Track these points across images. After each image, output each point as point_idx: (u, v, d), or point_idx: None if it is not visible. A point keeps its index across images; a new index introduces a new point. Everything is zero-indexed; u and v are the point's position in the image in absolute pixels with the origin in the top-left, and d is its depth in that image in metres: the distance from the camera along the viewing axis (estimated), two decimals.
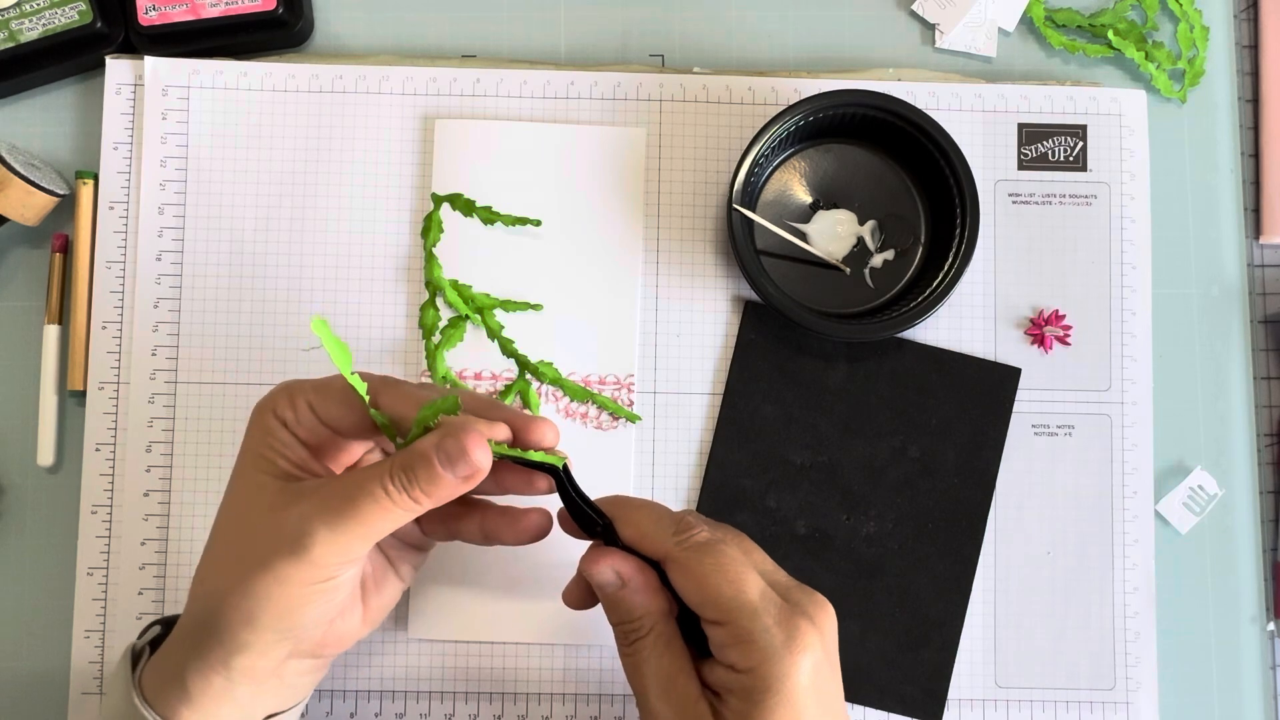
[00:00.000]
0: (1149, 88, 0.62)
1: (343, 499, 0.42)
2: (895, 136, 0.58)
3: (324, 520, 0.42)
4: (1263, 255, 0.63)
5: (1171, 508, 0.60)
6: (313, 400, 0.45)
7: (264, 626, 0.43)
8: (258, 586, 0.42)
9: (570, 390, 0.58)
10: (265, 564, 0.42)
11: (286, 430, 0.45)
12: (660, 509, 0.47)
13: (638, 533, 0.46)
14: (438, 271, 0.58)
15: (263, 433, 0.45)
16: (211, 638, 0.43)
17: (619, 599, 0.46)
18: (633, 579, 0.46)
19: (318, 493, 0.43)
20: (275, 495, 0.44)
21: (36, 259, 0.60)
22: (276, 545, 0.42)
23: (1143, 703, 0.58)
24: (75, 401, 0.59)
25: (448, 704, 0.57)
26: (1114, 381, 0.60)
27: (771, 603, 0.44)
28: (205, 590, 0.45)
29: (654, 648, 0.45)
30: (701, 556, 0.44)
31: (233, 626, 0.43)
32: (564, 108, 0.60)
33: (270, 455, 0.45)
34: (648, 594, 0.46)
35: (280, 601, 0.43)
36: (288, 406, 0.45)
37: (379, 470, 0.43)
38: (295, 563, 0.42)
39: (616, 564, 0.46)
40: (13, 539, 0.59)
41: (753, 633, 0.43)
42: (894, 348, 0.59)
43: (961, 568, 0.58)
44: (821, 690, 0.44)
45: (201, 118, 0.60)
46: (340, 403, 0.45)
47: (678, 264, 0.60)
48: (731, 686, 0.44)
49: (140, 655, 0.47)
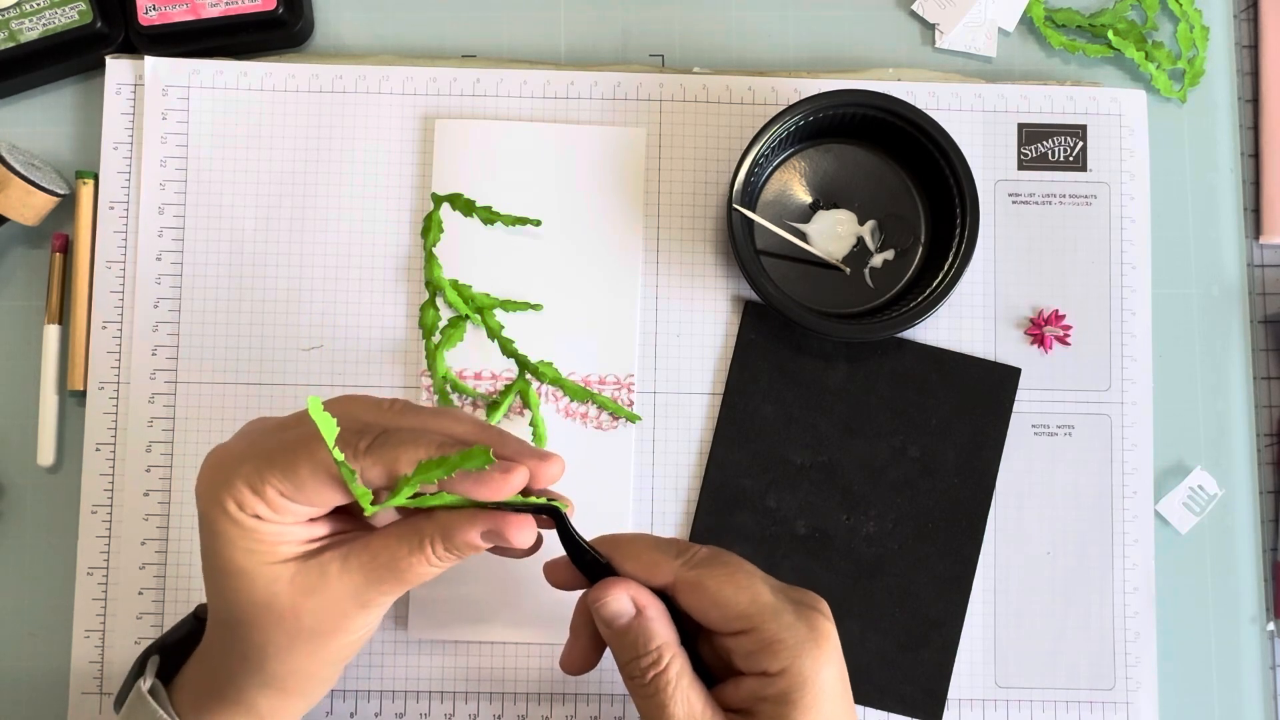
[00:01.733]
0: (1149, 88, 0.62)
1: (389, 571, 0.43)
2: (895, 136, 0.58)
3: (378, 590, 0.43)
4: (1263, 255, 0.63)
5: (1171, 508, 0.60)
6: (288, 493, 0.41)
7: (344, 659, 0.46)
8: (339, 644, 0.44)
9: (570, 390, 0.58)
10: (339, 630, 0.44)
11: (270, 523, 0.42)
12: (653, 537, 0.47)
13: (639, 563, 0.45)
14: (438, 271, 0.58)
15: (240, 532, 0.41)
16: (281, 688, 0.45)
17: (635, 629, 0.44)
18: (649, 605, 0.44)
19: (355, 568, 0.43)
20: (298, 581, 0.43)
21: (36, 259, 0.60)
22: (344, 615, 0.43)
23: (1143, 703, 0.58)
24: (75, 401, 0.59)
25: (448, 704, 0.57)
26: (1114, 381, 0.60)
27: (786, 602, 0.44)
28: (249, 658, 0.44)
29: (679, 683, 0.43)
30: (711, 570, 0.44)
31: (311, 672, 0.45)
32: (564, 108, 0.60)
33: (265, 549, 0.42)
34: (664, 622, 0.44)
35: (354, 645, 0.45)
36: (257, 502, 0.41)
37: (419, 544, 0.43)
38: (364, 617, 0.44)
39: (629, 591, 0.44)
40: (13, 539, 0.59)
41: (779, 632, 0.43)
42: (894, 348, 0.59)
43: (961, 568, 0.58)
44: (842, 683, 0.44)
45: (201, 118, 0.60)
46: (328, 488, 0.41)
47: (678, 264, 0.60)
48: (765, 694, 0.43)
49: (155, 691, 0.46)
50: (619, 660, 0.45)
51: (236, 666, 0.45)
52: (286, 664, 0.44)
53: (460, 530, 0.42)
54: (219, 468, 0.42)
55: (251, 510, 0.41)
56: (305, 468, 0.41)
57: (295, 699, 0.45)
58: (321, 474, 0.41)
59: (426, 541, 0.42)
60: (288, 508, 0.42)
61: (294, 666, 0.44)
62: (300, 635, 0.43)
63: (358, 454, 0.41)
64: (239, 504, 0.41)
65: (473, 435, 0.43)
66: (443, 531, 0.42)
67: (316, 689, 0.46)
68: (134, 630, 0.57)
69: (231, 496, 0.41)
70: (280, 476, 0.41)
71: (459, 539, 0.42)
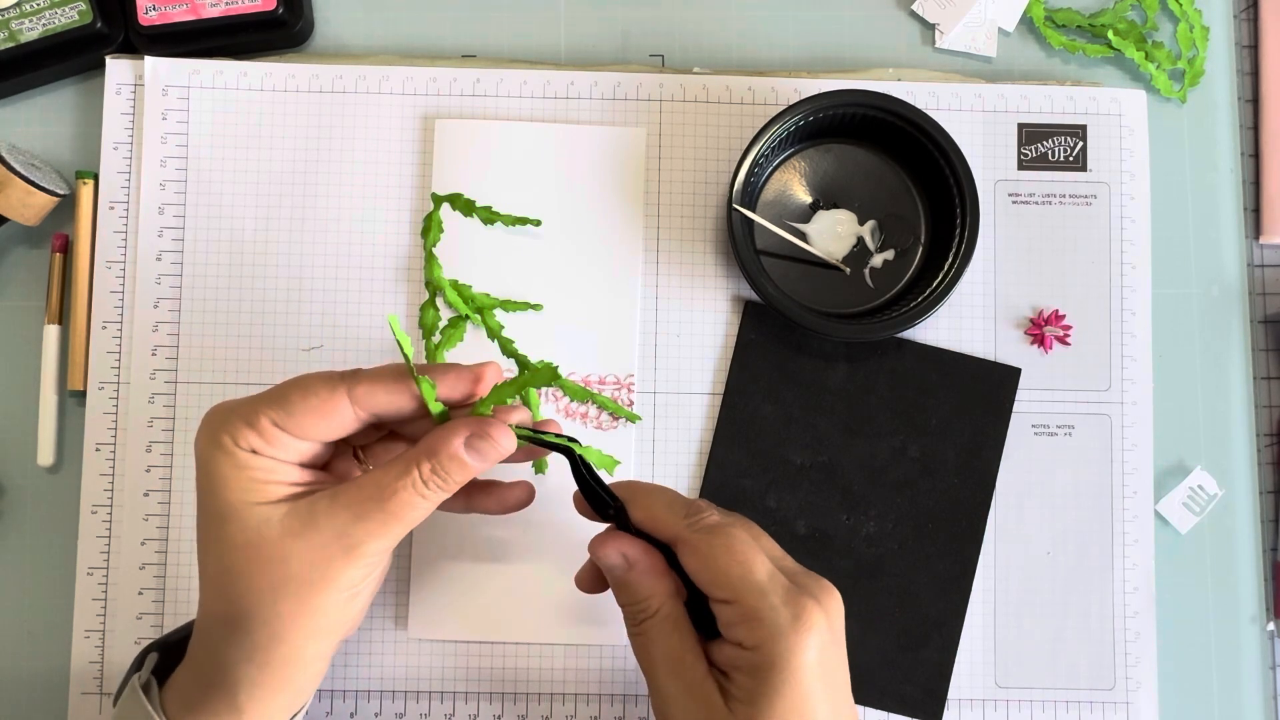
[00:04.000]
0: (1149, 88, 0.62)
1: (376, 504, 0.43)
2: (895, 136, 0.58)
3: (365, 529, 0.43)
4: (1263, 255, 0.63)
5: (1171, 508, 0.60)
6: (280, 420, 0.43)
7: (329, 632, 0.45)
8: (325, 603, 0.44)
9: (570, 390, 0.58)
10: (326, 581, 0.43)
11: (264, 457, 0.44)
12: (672, 494, 0.48)
13: (649, 515, 0.47)
14: (438, 271, 0.58)
15: (235, 468, 0.43)
16: (264, 662, 0.44)
17: (626, 580, 0.47)
18: (639, 561, 0.47)
19: (343, 504, 0.43)
20: (287, 522, 0.43)
21: (36, 259, 0.60)
22: (329, 560, 0.43)
23: (1143, 703, 0.58)
24: (75, 401, 0.59)
25: (448, 704, 0.57)
26: (1114, 381, 0.60)
27: (778, 583, 0.45)
28: (237, 623, 0.44)
29: (661, 628, 0.46)
30: (711, 538, 0.45)
31: (296, 645, 0.44)
32: (564, 108, 0.60)
33: (257, 487, 0.43)
34: (654, 576, 0.47)
35: (345, 606, 0.45)
36: (251, 434, 0.43)
37: (405, 469, 0.44)
38: (352, 569, 0.44)
39: (623, 547, 0.47)
40: (13, 539, 0.59)
41: (759, 610, 0.44)
42: (894, 348, 0.59)
43: (961, 568, 0.58)
44: (827, 671, 0.44)
45: (201, 118, 0.60)
46: (317, 416, 0.44)
47: (678, 264, 0.60)
48: (739, 664, 0.44)
49: (148, 686, 0.46)
50: (617, 599, 0.48)
51: (222, 655, 0.44)
52: (271, 623, 0.43)
53: (444, 442, 0.44)
54: (217, 412, 0.44)
55: (247, 444, 0.43)
56: (295, 394, 0.43)
57: (279, 692, 0.44)
58: (311, 400, 0.43)
59: (413, 464, 0.43)
60: (280, 439, 0.44)
61: (278, 627, 0.43)
62: (287, 584, 0.43)
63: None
64: (234, 439, 0.43)
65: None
66: (428, 449, 0.44)
67: (300, 675, 0.45)
68: (134, 630, 0.57)
69: (227, 433, 0.43)
70: (272, 405, 0.43)
71: (443, 451, 0.44)
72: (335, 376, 0.44)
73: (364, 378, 0.44)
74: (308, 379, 0.44)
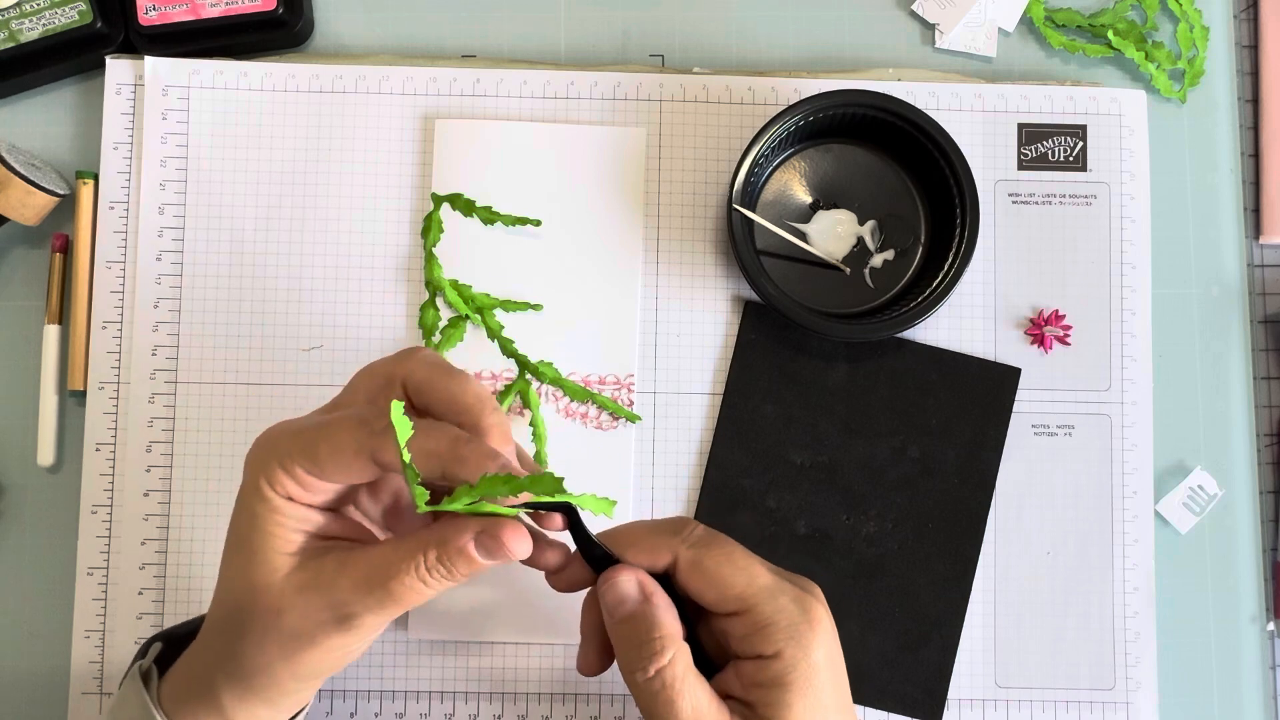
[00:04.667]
0: (1149, 88, 0.62)
1: (380, 584, 0.42)
2: (895, 136, 0.58)
3: (365, 605, 0.43)
4: (1263, 255, 0.63)
5: (1171, 508, 0.60)
6: (310, 470, 0.43)
7: (314, 676, 0.45)
8: (311, 658, 0.43)
9: (570, 390, 0.58)
10: (313, 641, 0.43)
11: (296, 504, 0.43)
12: (651, 520, 0.47)
13: (641, 548, 0.45)
14: (438, 271, 0.58)
15: (268, 511, 0.43)
16: (247, 688, 0.44)
17: (640, 615, 0.44)
18: (656, 593, 0.45)
19: (348, 574, 0.43)
20: (294, 576, 0.43)
21: (36, 259, 0.60)
22: (320, 625, 0.43)
23: (1143, 703, 0.58)
24: (75, 401, 0.59)
25: (448, 704, 0.57)
26: (1114, 381, 0.60)
27: (783, 585, 0.45)
28: (229, 643, 0.44)
29: (685, 679, 0.43)
30: (709, 549, 0.45)
31: (279, 679, 0.44)
32: (564, 108, 0.60)
33: (281, 532, 0.43)
34: (670, 613, 0.45)
35: (333, 663, 0.44)
36: (288, 480, 0.43)
37: (412, 554, 0.42)
38: (344, 637, 0.43)
39: (638, 575, 0.45)
40: (13, 539, 0.59)
41: (774, 614, 0.44)
42: (894, 348, 0.59)
43: (961, 568, 0.58)
44: (836, 668, 0.45)
45: (201, 118, 0.60)
46: (344, 472, 0.42)
47: (678, 264, 0.60)
48: (760, 679, 0.44)
49: (148, 674, 0.47)
50: (622, 658, 0.45)
51: (214, 657, 0.45)
52: (257, 659, 0.43)
53: (454, 536, 0.42)
54: (264, 445, 0.44)
55: (284, 491, 0.43)
56: (323, 448, 0.42)
57: (262, 705, 0.45)
58: (337, 458, 0.42)
59: (419, 551, 0.42)
60: (314, 484, 0.43)
61: (263, 663, 0.43)
62: (280, 633, 0.43)
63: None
64: (271, 482, 0.43)
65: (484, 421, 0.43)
66: (439, 538, 0.42)
67: (282, 699, 0.45)
68: (134, 630, 0.57)
69: (265, 475, 0.43)
70: (304, 456, 0.42)
71: (452, 545, 0.42)
72: (363, 434, 0.42)
73: (392, 440, 0.42)
74: (336, 433, 0.42)
